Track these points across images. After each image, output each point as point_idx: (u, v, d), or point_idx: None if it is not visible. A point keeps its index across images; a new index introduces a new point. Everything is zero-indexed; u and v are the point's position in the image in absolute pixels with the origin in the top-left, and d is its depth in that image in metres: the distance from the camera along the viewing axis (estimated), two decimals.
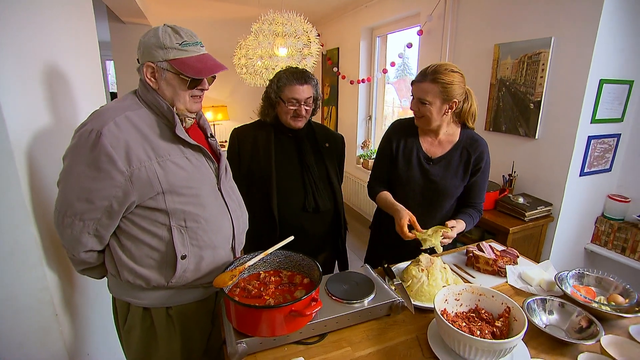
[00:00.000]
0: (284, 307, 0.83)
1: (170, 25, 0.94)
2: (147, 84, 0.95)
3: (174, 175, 0.94)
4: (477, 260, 1.33)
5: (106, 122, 0.86)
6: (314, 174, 1.49)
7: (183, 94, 0.96)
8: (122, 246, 0.97)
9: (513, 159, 2.28)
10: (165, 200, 0.94)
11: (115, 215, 0.92)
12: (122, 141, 0.87)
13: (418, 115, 1.37)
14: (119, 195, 0.89)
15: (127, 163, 0.87)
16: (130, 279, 0.98)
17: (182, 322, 1.06)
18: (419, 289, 1.12)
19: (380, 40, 3.83)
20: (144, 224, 0.95)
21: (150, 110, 0.96)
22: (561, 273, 1.17)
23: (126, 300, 1.03)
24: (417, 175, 1.40)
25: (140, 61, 0.95)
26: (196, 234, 0.99)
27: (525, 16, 2.10)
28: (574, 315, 0.99)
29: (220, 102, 5.01)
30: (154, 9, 4.03)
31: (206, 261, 1.02)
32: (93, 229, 0.92)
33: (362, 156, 4.10)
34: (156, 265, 0.98)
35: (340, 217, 1.59)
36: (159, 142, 0.93)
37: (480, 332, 0.88)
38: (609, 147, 2.06)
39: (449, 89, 1.27)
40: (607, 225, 2.14)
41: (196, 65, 0.93)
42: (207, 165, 1.04)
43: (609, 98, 1.92)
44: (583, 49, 1.83)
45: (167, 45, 0.91)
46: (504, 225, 1.98)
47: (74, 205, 0.88)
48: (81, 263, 1.00)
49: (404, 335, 0.98)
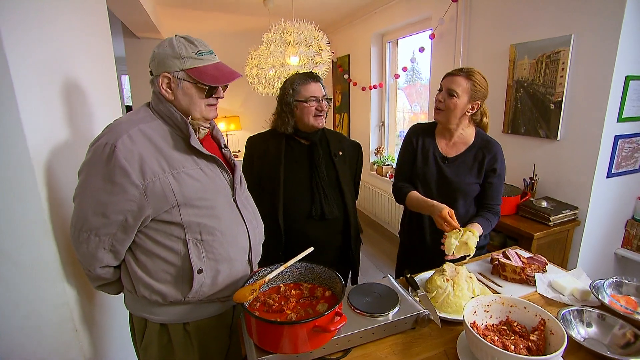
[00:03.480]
0: (307, 322, 0.79)
1: (182, 36, 0.94)
2: (162, 95, 0.94)
3: (189, 188, 0.93)
4: (503, 268, 1.28)
5: (120, 136, 0.86)
6: (323, 181, 1.47)
7: (200, 102, 0.96)
8: (138, 261, 0.96)
9: (534, 161, 2.20)
10: (180, 213, 0.93)
11: (130, 229, 0.91)
12: (136, 154, 0.86)
13: (442, 108, 1.39)
14: (133, 209, 0.88)
15: (141, 176, 0.87)
16: (147, 295, 0.96)
17: (199, 337, 1.04)
18: (445, 300, 1.07)
19: (391, 46, 3.81)
20: (159, 237, 0.94)
21: (164, 122, 0.96)
22: (597, 281, 1.10)
23: (143, 316, 1.02)
24: (434, 172, 1.45)
25: (155, 73, 0.95)
26: (212, 247, 0.97)
27: (541, 15, 2.04)
28: (616, 327, 0.93)
29: (232, 113, 5.06)
30: (167, 23, 4.13)
31: (223, 275, 1.00)
32: (109, 244, 0.91)
33: (376, 162, 4.06)
34: (172, 280, 0.96)
35: (350, 226, 1.54)
36: (172, 154, 0.93)
37: (515, 347, 0.83)
38: (638, 147, 1.97)
39: (477, 89, 1.35)
40: (638, 228, 2.03)
41: (213, 73, 0.94)
42: (221, 177, 1.03)
43: (636, 95, 1.84)
44: (606, 44, 1.76)
45: (183, 55, 0.91)
46: (527, 231, 1.90)
47: (90, 220, 0.88)
48: (97, 279, 0.99)
49: (432, 350, 0.93)
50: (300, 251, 1.03)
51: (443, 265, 1.17)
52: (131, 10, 2.77)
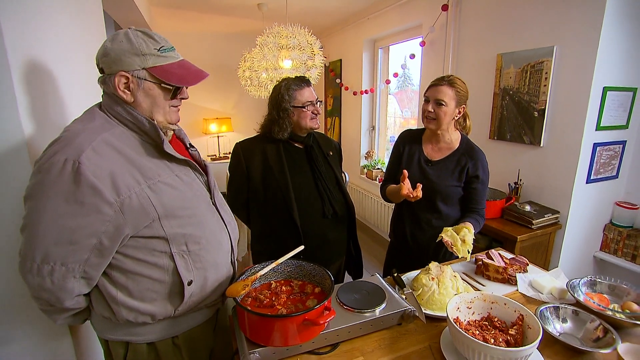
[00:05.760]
0: (297, 316, 0.83)
1: (140, 30, 0.85)
2: (119, 97, 0.84)
3: (167, 197, 0.85)
4: (486, 268, 1.33)
5: (82, 149, 0.75)
6: (327, 181, 1.53)
7: (163, 104, 0.88)
8: (116, 283, 0.86)
9: (518, 167, 2.28)
10: (162, 226, 0.85)
11: (106, 252, 0.81)
12: (105, 169, 0.76)
13: (432, 117, 1.48)
14: (109, 230, 0.78)
15: (115, 193, 0.77)
16: (132, 318, 0.87)
17: (189, 347, 1.00)
18: (430, 298, 1.12)
19: (383, 52, 3.88)
20: (141, 255, 0.85)
21: (126, 128, 0.86)
22: (573, 280, 1.16)
23: (124, 340, 0.92)
24: (416, 174, 1.54)
25: (108, 71, 0.83)
26: (199, 255, 0.92)
27: (527, 26, 2.13)
28: (588, 323, 0.98)
29: (224, 114, 5.06)
30: (159, 22, 4.13)
31: (211, 281, 0.96)
32: (80, 272, 0.80)
33: (366, 166, 4.11)
34: (160, 297, 0.89)
35: (354, 221, 1.64)
36: (144, 162, 0.84)
37: (495, 341, 0.87)
38: (615, 154, 2.06)
39: (461, 94, 1.45)
40: (615, 232, 2.12)
41: (179, 72, 0.86)
42: (197, 181, 0.97)
43: (614, 105, 1.93)
44: (586, 57, 1.85)
45: (144, 52, 0.82)
46: (511, 234, 1.97)
47: (52, 251, 0.75)
48: (64, 311, 0.86)
49: (417, 345, 0.97)
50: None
51: (429, 265, 1.22)
52: (126, 10, 2.77)
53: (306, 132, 1.51)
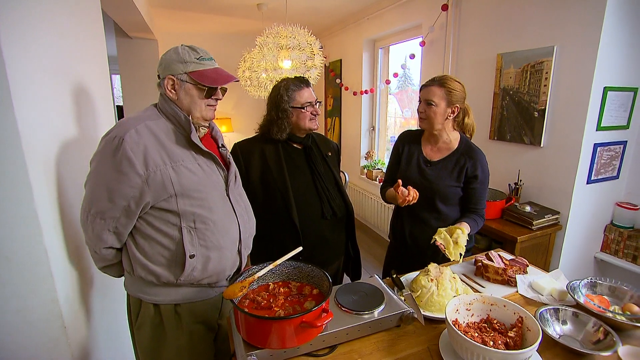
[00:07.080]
0: (294, 318, 0.82)
1: (187, 45, 1.07)
2: (167, 95, 1.05)
3: (186, 180, 1.02)
4: (486, 269, 1.32)
5: (128, 130, 0.96)
6: (326, 182, 1.52)
7: (200, 102, 1.07)
8: (137, 244, 1.05)
9: (518, 167, 2.27)
10: (177, 203, 1.02)
11: (132, 214, 1.00)
12: (141, 146, 0.96)
13: (423, 117, 1.50)
14: (136, 196, 0.98)
15: (144, 166, 0.96)
16: (143, 275, 1.05)
17: (188, 319, 1.13)
18: (429, 299, 1.11)
19: (383, 52, 3.88)
20: (157, 223, 1.04)
21: (168, 121, 1.06)
22: (573, 282, 1.15)
23: (138, 296, 1.10)
24: (415, 174, 1.55)
25: (161, 76, 1.06)
26: (204, 234, 1.06)
27: (527, 26, 2.12)
28: (588, 325, 0.97)
29: (224, 115, 5.06)
30: (160, 24, 4.13)
31: (213, 261, 1.09)
32: (113, 227, 1.01)
33: (366, 166, 4.11)
34: (166, 262, 1.05)
35: (352, 222, 1.63)
36: (174, 148, 1.03)
37: (494, 343, 0.87)
38: (616, 155, 2.05)
39: (452, 94, 1.44)
40: (616, 233, 2.11)
41: (212, 75, 1.05)
42: (217, 172, 1.12)
43: (614, 105, 1.92)
44: (586, 57, 1.84)
45: (186, 60, 1.03)
46: (511, 234, 1.96)
47: (98, 204, 0.98)
48: (102, 260, 1.08)
49: (415, 347, 0.96)
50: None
51: (428, 266, 1.21)
52: (125, 11, 2.77)
53: (305, 132, 1.50)
